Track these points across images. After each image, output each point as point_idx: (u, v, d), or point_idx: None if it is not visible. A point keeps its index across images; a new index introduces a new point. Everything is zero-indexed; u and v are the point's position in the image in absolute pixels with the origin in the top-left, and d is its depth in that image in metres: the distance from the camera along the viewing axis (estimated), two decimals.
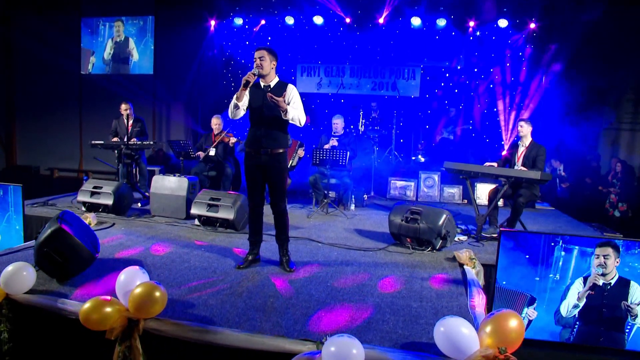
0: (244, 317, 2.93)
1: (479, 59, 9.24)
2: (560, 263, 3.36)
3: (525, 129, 5.42)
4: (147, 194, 6.37)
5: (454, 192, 7.55)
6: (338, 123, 6.53)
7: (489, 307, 3.53)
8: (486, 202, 5.75)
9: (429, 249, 4.50)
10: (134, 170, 6.61)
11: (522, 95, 9.04)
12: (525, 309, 3.38)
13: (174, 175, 5.59)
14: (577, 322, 3.36)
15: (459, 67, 9.41)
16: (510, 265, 3.41)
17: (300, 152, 6.58)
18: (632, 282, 3.29)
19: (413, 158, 9.24)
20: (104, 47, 11.19)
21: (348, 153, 5.97)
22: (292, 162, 6.54)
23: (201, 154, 6.56)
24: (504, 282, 3.42)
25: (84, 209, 5.54)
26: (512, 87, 9.17)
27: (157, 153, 10.42)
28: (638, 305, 3.26)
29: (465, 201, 7.54)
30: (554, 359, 3.43)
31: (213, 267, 3.86)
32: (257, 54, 3.70)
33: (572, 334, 3.37)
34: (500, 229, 3.47)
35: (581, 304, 3.34)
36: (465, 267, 4.05)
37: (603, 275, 3.31)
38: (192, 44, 10.56)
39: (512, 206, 5.35)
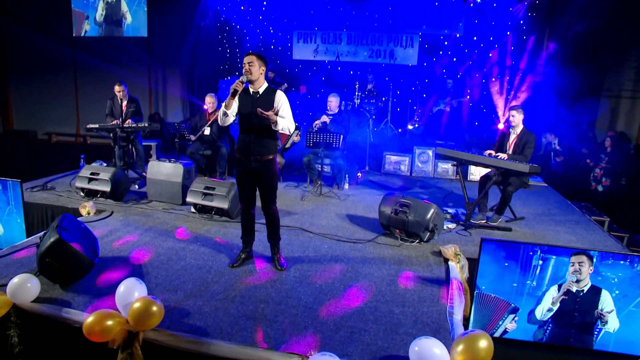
0: (236, 327, 3.13)
1: (479, 27, 8.99)
2: (538, 271, 3.53)
3: (517, 118, 5.42)
4: (144, 174, 6.48)
5: (447, 167, 7.63)
6: (332, 101, 6.51)
7: (469, 307, 3.75)
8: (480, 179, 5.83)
9: (417, 241, 4.67)
10: (131, 148, 6.65)
11: (521, 64, 8.88)
12: (506, 318, 3.59)
13: (169, 161, 5.66)
14: (550, 325, 3.57)
15: (458, 35, 9.17)
16: (489, 272, 3.58)
17: (296, 137, 6.60)
18: (603, 290, 3.47)
19: (410, 127, 9.23)
20: (96, 8, 10.86)
21: (341, 137, 6.01)
22: (285, 145, 6.58)
23: (193, 137, 6.59)
24: (484, 287, 3.61)
25: (82, 194, 5.66)
26: (512, 56, 8.99)
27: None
28: (610, 313, 3.46)
29: (459, 177, 7.62)
30: (527, 356, 3.70)
31: (208, 265, 4.04)
32: (246, 59, 3.68)
33: (545, 334, 3.59)
34: (482, 237, 3.60)
35: (555, 308, 3.54)
36: (450, 263, 4.22)
37: (577, 282, 3.49)
38: (185, 7, 10.25)
39: (501, 193, 5.46)
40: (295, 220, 5.29)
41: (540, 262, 3.52)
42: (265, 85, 3.82)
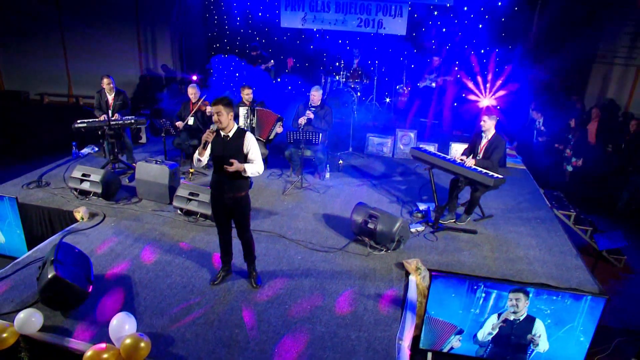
0: (212, 356, 3.65)
1: None
2: (481, 302, 3.97)
3: (488, 124, 5.59)
4: (133, 164, 6.78)
5: (429, 149, 7.81)
6: (315, 95, 6.63)
7: (423, 310, 4.24)
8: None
9: (384, 250, 5.09)
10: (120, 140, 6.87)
11: (513, 33, 8.70)
12: (452, 338, 4.10)
13: (156, 162, 5.94)
14: (490, 344, 4.09)
15: (448, 5, 8.89)
16: (438, 301, 4.03)
17: (279, 129, 6.77)
18: (537, 319, 3.94)
19: (402, 98, 9.24)
20: None
21: (320, 134, 6.22)
22: (269, 136, 6.78)
23: (179, 123, 6.80)
24: (433, 312, 4.08)
25: (76, 193, 6.00)
26: (504, 26, 8.78)
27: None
28: (539, 337, 3.97)
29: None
30: None
31: (191, 283, 4.49)
32: (213, 109, 3.85)
33: (486, 352, 4.12)
34: (432, 271, 4.00)
35: (494, 332, 4.04)
36: (410, 277, 4.67)
37: (514, 312, 3.95)
38: None
39: (470, 196, 5.78)
40: (275, 222, 5.68)
41: (483, 294, 3.96)
42: (235, 127, 4.03)
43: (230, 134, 3.99)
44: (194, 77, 9.28)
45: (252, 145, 4.01)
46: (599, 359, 4.62)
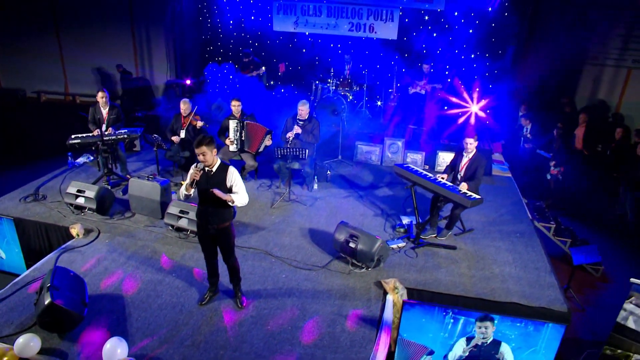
0: None
1: (460, 1, 8.72)
2: (449, 327, 4.23)
3: (472, 146, 5.75)
4: (127, 176, 7.01)
5: (417, 158, 8.00)
6: (303, 109, 6.78)
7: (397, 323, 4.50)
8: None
9: (365, 268, 5.34)
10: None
11: (501, 41, 8.75)
12: (424, 358, 4.38)
13: (148, 179, 6.15)
14: None
15: (439, 10, 8.92)
16: (410, 325, 4.29)
17: (268, 141, 6.95)
18: (502, 343, 4.21)
19: (393, 104, 9.35)
20: None
21: (307, 151, 6.41)
22: (259, 149, 6.96)
23: (175, 138, 7.00)
24: (405, 335, 4.35)
25: (72, 208, 6.24)
26: (494, 32, 8.83)
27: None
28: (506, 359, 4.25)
29: (427, 167, 8.03)
30: None
31: (181, 303, 4.76)
32: (197, 151, 4.06)
33: None
34: (404, 300, 4.25)
35: (465, 355, 4.32)
36: (388, 296, 4.92)
37: (484, 338, 4.22)
38: None
39: (450, 212, 5.99)
40: (261, 238, 5.91)
41: (452, 320, 4.21)
42: (218, 162, 4.24)
43: (214, 169, 4.20)
44: (188, 82, 9.43)
45: (235, 179, 4.22)
46: None
